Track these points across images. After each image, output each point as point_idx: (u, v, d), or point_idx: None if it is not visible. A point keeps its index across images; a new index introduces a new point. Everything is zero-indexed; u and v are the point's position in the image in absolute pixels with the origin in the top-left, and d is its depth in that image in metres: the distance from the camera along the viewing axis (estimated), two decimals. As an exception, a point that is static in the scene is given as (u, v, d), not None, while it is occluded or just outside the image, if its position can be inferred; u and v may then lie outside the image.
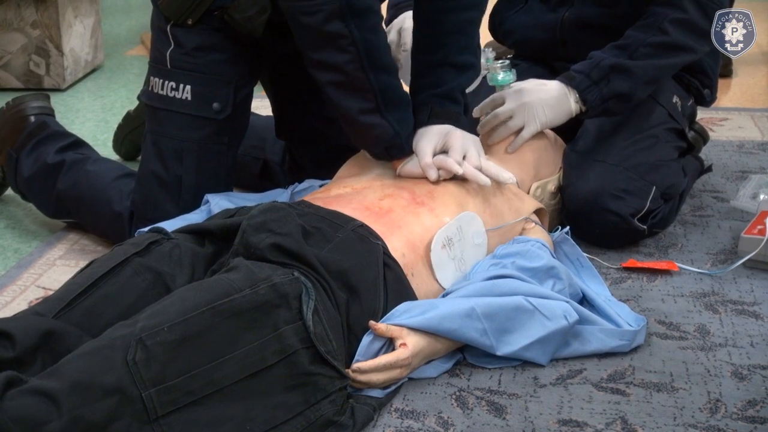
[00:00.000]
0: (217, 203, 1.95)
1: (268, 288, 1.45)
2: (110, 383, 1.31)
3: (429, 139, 1.90)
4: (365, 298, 1.61)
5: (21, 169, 2.26)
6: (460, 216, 1.81)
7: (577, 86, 2.10)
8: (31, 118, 2.32)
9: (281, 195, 2.04)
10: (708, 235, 2.22)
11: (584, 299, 1.83)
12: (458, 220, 1.80)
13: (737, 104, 3.27)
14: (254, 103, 2.19)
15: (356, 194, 1.83)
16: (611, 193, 2.08)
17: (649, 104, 2.22)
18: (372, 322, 1.58)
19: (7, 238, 2.29)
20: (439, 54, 1.95)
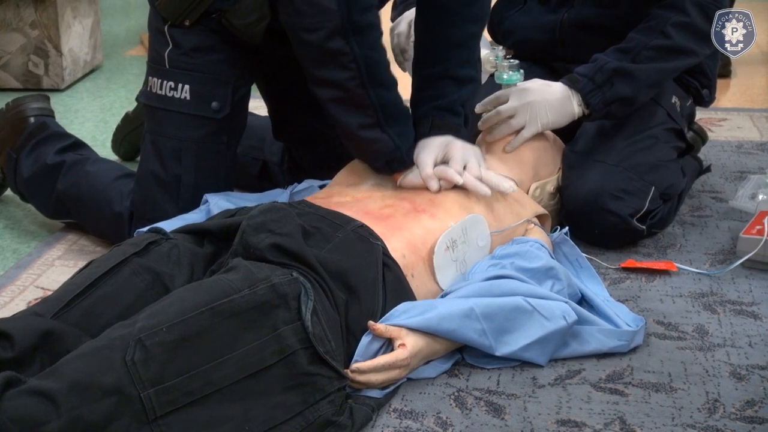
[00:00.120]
0: (216, 203, 1.95)
1: (267, 288, 1.45)
2: (109, 383, 1.31)
3: (430, 151, 1.90)
4: (364, 299, 1.61)
5: (20, 170, 2.26)
6: (466, 218, 1.81)
7: (581, 90, 2.10)
8: (31, 119, 2.32)
9: (280, 195, 2.04)
10: (707, 236, 2.22)
11: (583, 300, 1.83)
12: (464, 222, 1.80)
13: (736, 104, 3.27)
14: (253, 104, 2.18)
15: (357, 202, 1.83)
16: (610, 194, 2.08)
17: (649, 105, 2.21)
18: (371, 323, 1.58)
19: (6, 239, 2.29)
20: (440, 67, 1.96)
